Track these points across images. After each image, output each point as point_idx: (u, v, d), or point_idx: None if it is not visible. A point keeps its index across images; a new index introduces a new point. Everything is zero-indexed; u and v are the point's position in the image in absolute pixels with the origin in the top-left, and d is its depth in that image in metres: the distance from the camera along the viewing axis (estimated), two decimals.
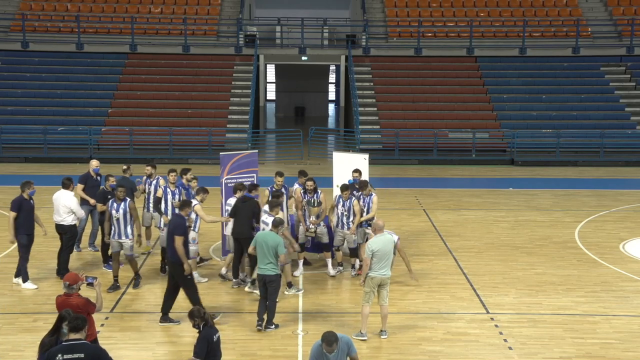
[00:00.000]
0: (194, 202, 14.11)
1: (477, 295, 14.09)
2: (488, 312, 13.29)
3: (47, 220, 18.80)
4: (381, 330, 12.04)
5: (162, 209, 14.91)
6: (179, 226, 12.39)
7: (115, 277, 14.15)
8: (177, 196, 14.86)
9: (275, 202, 13.65)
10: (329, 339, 8.57)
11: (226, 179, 15.80)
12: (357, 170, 15.79)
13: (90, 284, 9.49)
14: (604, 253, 16.91)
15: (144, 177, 16.26)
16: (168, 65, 33.72)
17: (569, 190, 24.45)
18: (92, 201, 15.72)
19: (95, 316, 9.62)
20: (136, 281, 14.31)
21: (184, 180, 15.39)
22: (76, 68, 33.45)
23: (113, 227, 14.00)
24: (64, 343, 7.97)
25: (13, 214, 14.17)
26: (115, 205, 14.00)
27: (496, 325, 12.66)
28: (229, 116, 31.64)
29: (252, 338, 12.07)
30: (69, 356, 7.75)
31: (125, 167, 16.52)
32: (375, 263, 11.73)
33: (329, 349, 8.59)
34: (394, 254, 12.41)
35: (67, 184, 15.04)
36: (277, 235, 12.30)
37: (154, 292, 14.08)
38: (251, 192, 14.39)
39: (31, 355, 11.23)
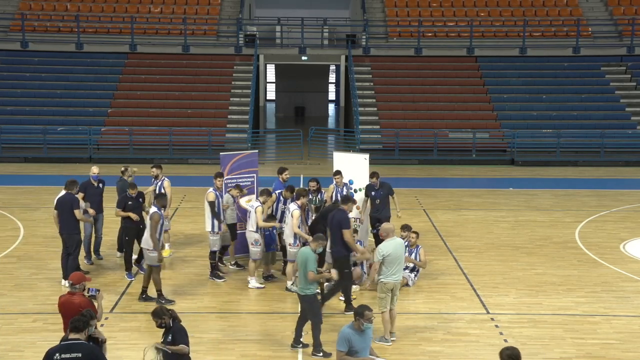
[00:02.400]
0: (257, 203, 14.15)
1: (477, 296, 14.08)
2: (488, 313, 13.28)
3: (46, 220, 18.86)
4: (390, 332, 11.90)
5: (217, 213, 14.69)
6: (344, 220, 12.83)
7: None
8: (222, 199, 14.92)
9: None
10: (365, 305, 8.84)
11: (226, 179, 15.80)
12: (373, 175, 15.69)
13: (92, 297, 9.44)
14: (604, 253, 16.89)
15: (152, 179, 16.14)
16: (168, 65, 33.69)
17: (569, 190, 24.43)
18: (91, 211, 15.32)
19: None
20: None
21: (232, 193, 15.23)
22: (76, 68, 33.42)
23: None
24: (62, 343, 7.98)
25: (78, 210, 14.02)
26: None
27: (496, 326, 12.65)
28: (229, 116, 31.62)
29: (252, 338, 12.06)
30: (67, 355, 7.79)
31: (123, 168, 16.38)
32: (387, 268, 11.53)
33: (370, 314, 8.78)
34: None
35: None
36: (309, 251, 11.45)
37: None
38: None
39: (31, 355, 11.23)
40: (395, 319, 11.96)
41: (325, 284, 13.53)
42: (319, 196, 15.02)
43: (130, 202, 14.64)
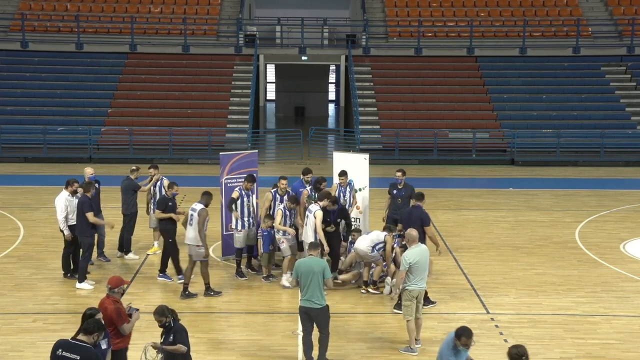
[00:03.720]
0: (281, 206, 14.39)
1: (477, 295, 14.08)
2: (488, 313, 13.28)
3: (46, 221, 18.87)
4: (415, 339, 11.63)
5: (234, 209, 14.80)
6: (426, 216, 13.72)
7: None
8: (249, 198, 14.97)
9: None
10: (470, 332, 8.73)
11: (226, 179, 15.82)
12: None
13: (129, 315, 9.39)
14: (604, 253, 16.89)
15: (148, 178, 16.17)
16: (168, 65, 33.68)
17: (569, 190, 24.43)
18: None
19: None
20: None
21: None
22: (76, 68, 33.41)
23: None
24: (70, 339, 8.16)
25: (90, 213, 13.98)
26: None
27: (496, 326, 12.64)
28: (229, 116, 31.61)
29: (252, 338, 12.06)
30: (67, 354, 7.95)
31: (134, 167, 16.27)
32: (413, 275, 11.33)
33: (469, 342, 8.71)
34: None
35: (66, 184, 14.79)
36: (321, 259, 11.20)
37: (153, 292, 14.06)
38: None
39: (30, 355, 11.24)
40: (421, 327, 11.71)
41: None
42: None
43: (170, 203, 14.57)
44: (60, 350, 7.99)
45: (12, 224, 18.96)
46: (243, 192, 14.86)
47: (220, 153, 16.32)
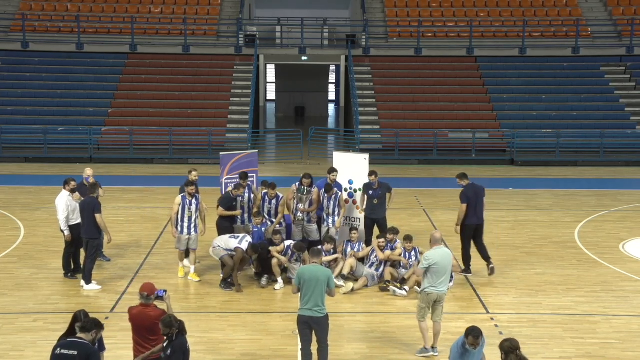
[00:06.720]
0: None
1: (477, 295, 14.10)
2: (488, 312, 13.30)
3: (46, 220, 18.90)
4: (432, 347, 11.53)
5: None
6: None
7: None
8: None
9: None
10: (478, 332, 8.80)
11: (226, 179, 15.86)
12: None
13: (160, 298, 9.32)
14: (603, 253, 16.92)
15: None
16: (168, 65, 33.69)
17: (569, 190, 24.44)
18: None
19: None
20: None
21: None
22: (76, 68, 33.42)
23: None
24: (68, 339, 8.29)
25: (99, 215, 13.85)
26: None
27: (496, 325, 12.66)
28: (229, 116, 31.63)
29: (252, 338, 12.08)
30: (65, 351, 8.11)
31: (189, 170, 15.56)
32: (433, 278, 11.15)
33: (476, 342, 8.76)
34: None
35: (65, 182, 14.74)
36: (323, 268, 10.82)
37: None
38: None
39: (31, 355, 11.26)
40: (439, 333, 11.52)
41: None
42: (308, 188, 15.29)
43: (234, 203, 14.84)
44: (58, 349, 8.13)
45: (12, 223, 18.98)
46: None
47: (221, 153, 16.36)
